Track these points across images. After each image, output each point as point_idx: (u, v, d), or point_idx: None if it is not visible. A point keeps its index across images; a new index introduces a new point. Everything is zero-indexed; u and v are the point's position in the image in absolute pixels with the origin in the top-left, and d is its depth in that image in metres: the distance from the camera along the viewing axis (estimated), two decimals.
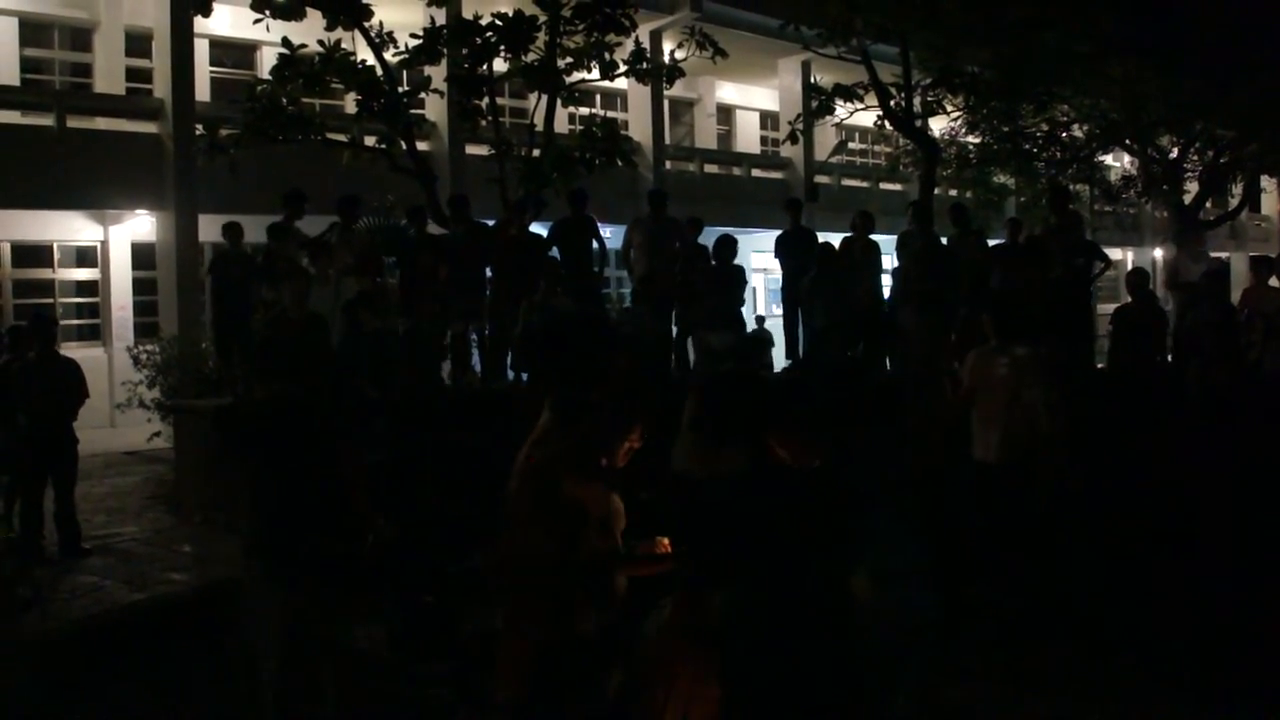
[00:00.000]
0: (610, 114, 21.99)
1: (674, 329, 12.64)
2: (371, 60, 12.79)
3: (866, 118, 17.23)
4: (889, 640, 4.02)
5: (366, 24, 12.55)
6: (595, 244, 12.58)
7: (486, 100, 13.31)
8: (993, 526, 7.02)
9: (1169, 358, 11.94)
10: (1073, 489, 7.49)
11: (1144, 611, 5.97)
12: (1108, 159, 24.29)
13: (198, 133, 14.13)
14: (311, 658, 5.54)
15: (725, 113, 28.03)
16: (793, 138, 17.77)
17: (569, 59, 13.24)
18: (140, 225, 17.07)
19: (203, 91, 17.74)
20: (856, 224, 13.30)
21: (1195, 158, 21.29)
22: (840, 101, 16.44)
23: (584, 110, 18.60)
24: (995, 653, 6.19)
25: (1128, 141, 20.94)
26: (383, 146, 13.27)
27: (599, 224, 12.75)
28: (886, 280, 13.88)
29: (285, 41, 12.28)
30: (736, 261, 12.41)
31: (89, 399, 9.77)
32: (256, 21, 12.28)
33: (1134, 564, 7.04)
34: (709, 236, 12.81)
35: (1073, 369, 10.69)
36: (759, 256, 22.03)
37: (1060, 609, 6.74)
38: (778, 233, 13.84)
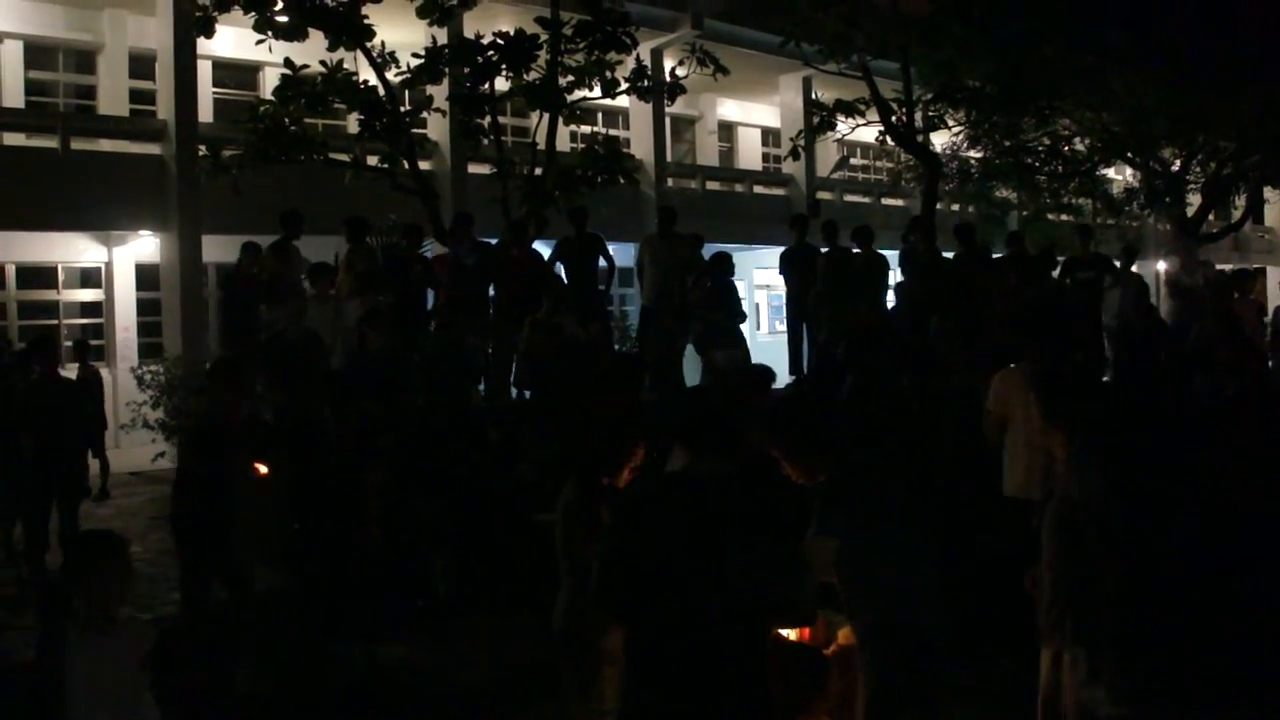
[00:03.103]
0: (612, 132, 22.02)
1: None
2: (373, 80, 12.83)
3: (868, 133, 17.25)
4: (900, 653, 4.00)
5: (368, 44, 12.60)
6: (603, 262, 12.59)
7: (488, 119, 13.35)
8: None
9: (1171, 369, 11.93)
10: None
11: (1150, 628, 5.93)
12: (1110, 172, 24.29)
13: (201, 153, 14.17)
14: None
15: (727, 130, 28.07)
16: (794, 154, 17.78)
17: (570, 77, 13.28)
18: (144, 246, 17.10)
19: (206, 112, 17.79)
20: (857, 239, 13.32)
21: (1198, 170, 21.28)
22: (841, 117, 16.45)
23: (586, 128, 18.61)
24: (1003, 672, 6.16)
25: (1130, 154, 20.93)
26: (385, 166, 13.32)
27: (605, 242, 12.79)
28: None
29: (288, 62, 12.33)
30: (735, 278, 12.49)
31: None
32: (259, 43, 12.34)
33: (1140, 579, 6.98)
34: (710, 253, 12.84)
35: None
36: (762, 273, 22.05)
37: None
38: (781, 249, 13.85)
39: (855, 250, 13.25)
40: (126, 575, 4.02)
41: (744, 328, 12.76)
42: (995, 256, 14.35)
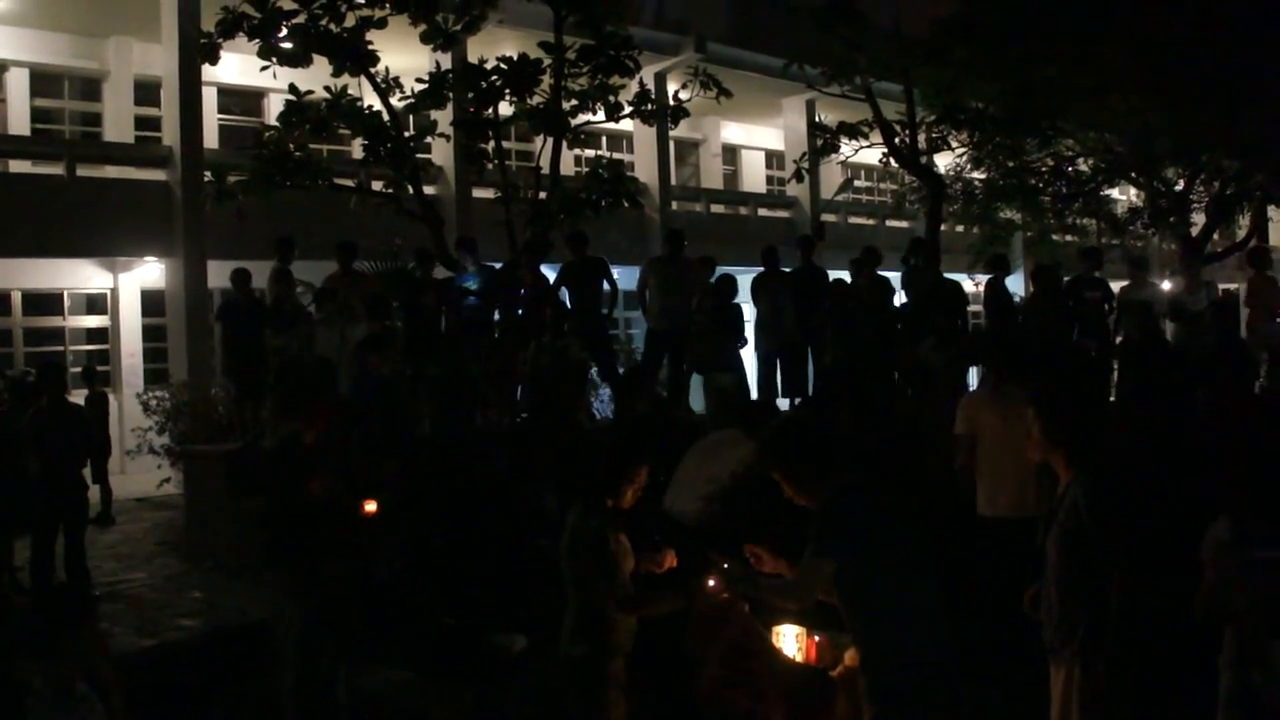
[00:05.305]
0: (616, 155, 22.08)
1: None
2: (378, 105, 12.86)
3: (872, 155, 17.28)
4: (902, 677, 3.99)
5: (372, 70, 12.63)
6: (607, 285, 12.59)
7: (493, 144, 13.36)
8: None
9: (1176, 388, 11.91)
10: None
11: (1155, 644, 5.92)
12: (1114, 192, 24.28)
13: (206, 179, 14.21)
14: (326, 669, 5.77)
15: (731, 153, 28.14)
16: (798, 176, 17.82)
17: (574, 101, 13.29)
18: (149, 272, 17.14)
19: (211, 139, 17.84)
20: (863, 260, 13.30)
21: (1201, 189, 21.26)
22: (845, 139, 16.49)
23: (590, 152, 18.65)
24: (1011, 694, 6.13)
25: (1133, 174, 20.93)
26: (390, 191, 13.33)
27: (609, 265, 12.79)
28: None
29: (292, 88, 12.36)
30: (737, 301, 12.49)
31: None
32: (264, 69, 12.37)
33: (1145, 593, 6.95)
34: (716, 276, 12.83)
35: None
36: None
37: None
38: (788, 270, 13.81)
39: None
40: (95, 647, 3.62)
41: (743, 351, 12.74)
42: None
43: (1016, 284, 14.47)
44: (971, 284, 17.49)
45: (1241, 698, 4.17)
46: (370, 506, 6.43)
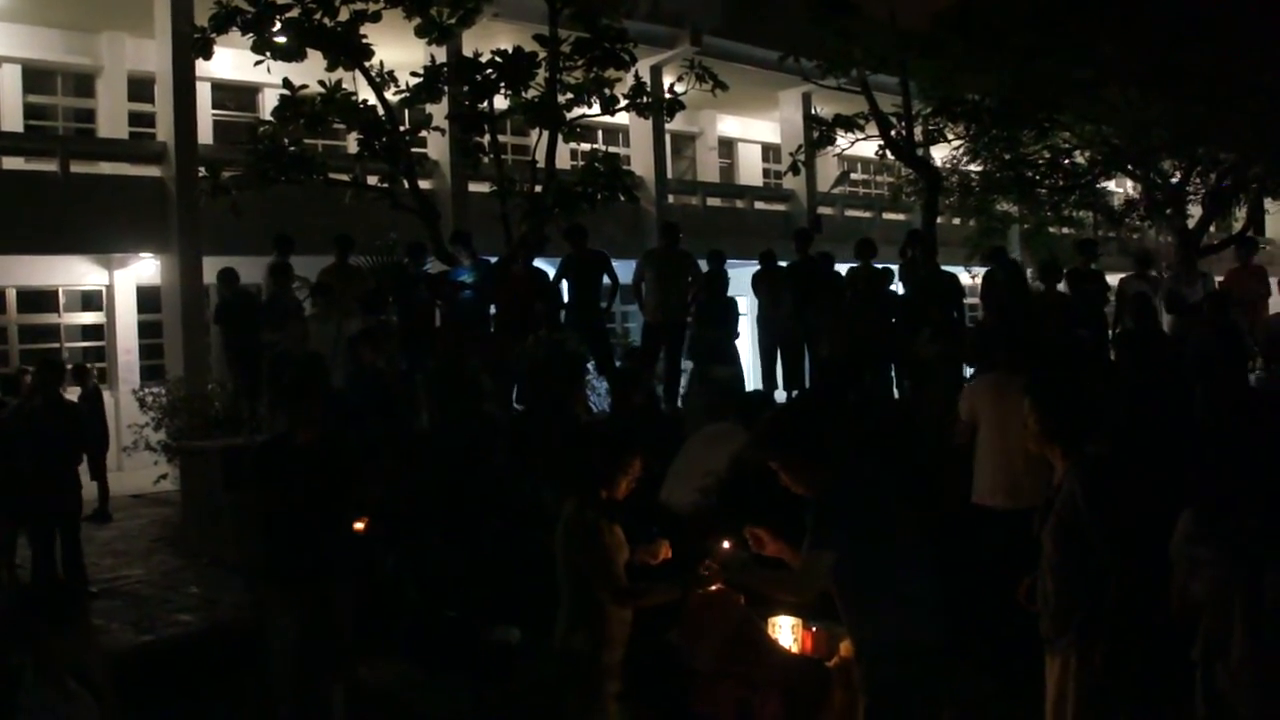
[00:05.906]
0: (612, 149, 22.02)
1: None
2: (373, 100, 12.84)
3: (868, 148, 17.27)
4: (898, 668, 3.98)
5: (367, 64, 12.62)
6: (607, 279, 12.57)
7: (488, 137, 13.35)
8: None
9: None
10: None
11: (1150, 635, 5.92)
12: (1110, 184, 24.26)
13: (201, 175, 14.19)
14: (321, 678, 5.73)
15: (727, 146, 28.11)
16: (794, 169, 17.79)
17: (569, 95, 13.28)
18: (145, 268, 17.11)
19: (205, 134, 17.81)
20: (860, 252, 13.29)
21: (1198, 181, 21.24)
22: (841, 132, 16.47)
23: (585, 146, 18.61)
24: (1007, 684, 6.13)
25: (1130, 167, 20.90)
26: (385, 185, 13.33)
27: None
28: None
29: (286, 83, 12.35)
30: (734, 293, 12.49)
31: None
32: (258, 64, 12.35)
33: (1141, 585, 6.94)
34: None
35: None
36: None
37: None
38: (783, 264, 13.81)
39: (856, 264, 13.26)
40: (86, 644, 3.60)
41: (738, 344, 12.73)
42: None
43: None
44: (969, 276, 17.48)
45: (1212, 693, 4.17)
46: (359, 525, 6.36)
